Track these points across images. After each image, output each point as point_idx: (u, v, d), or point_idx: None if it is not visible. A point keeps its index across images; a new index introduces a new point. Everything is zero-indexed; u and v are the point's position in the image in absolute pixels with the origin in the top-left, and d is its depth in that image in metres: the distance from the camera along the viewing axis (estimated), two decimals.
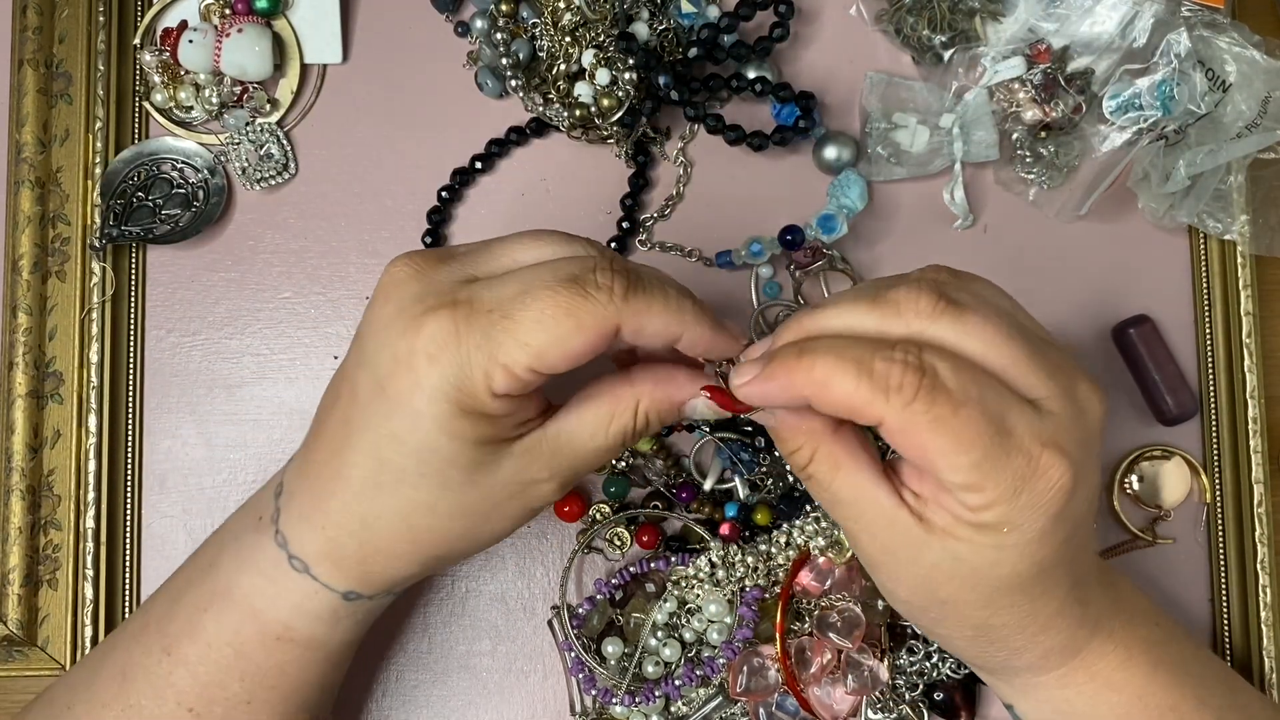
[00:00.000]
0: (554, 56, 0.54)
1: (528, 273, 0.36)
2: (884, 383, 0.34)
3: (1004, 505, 0.35)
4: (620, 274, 0.36)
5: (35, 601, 0.53)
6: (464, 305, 0.36)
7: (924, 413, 0.34)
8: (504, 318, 0.35)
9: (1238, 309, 0.55)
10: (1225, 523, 0.55)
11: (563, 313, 0.35)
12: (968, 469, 0.34)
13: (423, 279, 0.37)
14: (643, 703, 0.51)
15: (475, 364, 0.35)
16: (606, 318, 0.35)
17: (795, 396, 0.36)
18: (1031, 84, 0.54)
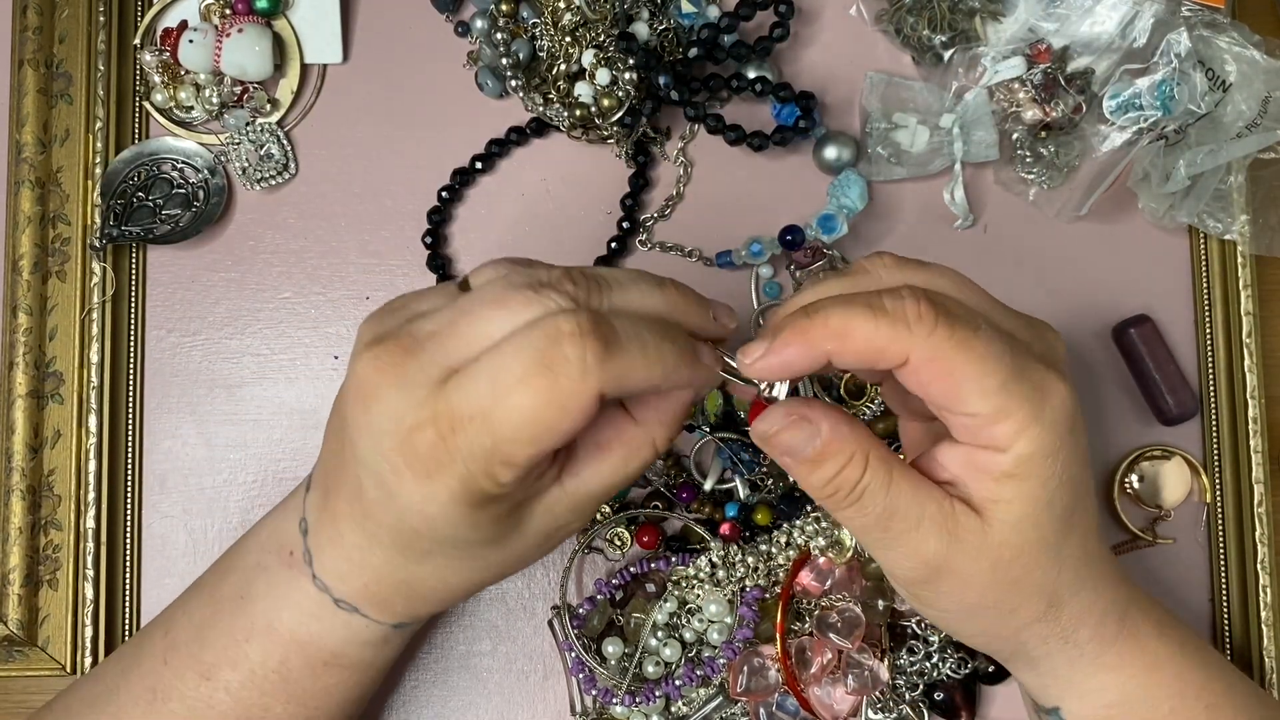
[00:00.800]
0: (554, 56, 0.54)
1: (496, 361, 0.34)
2: (902, 316, 0.34)
3: (1033, 428, 0.35)
4: (590, 336, 0.33)
5: (35, 601, 0.53)
6: (444, 418, 0.34)
7: (948, 338, 0.34)
8: (485, 422, 0.33)
9: (1238, 309, 0.55)
10: (1225, 523, 0.55)
11: (542, 404, 0.33)
12: (996, 391, 0.35)
13: (398, 386, 0.35)
14: (643, 703, 0.51)
15: (475, 471, 0.34)
16: (583, 391, 0.33)
17: (816, 355, 0.35)
18: (1031, 84, 0.54)
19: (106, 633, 0.53)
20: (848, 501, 0.37)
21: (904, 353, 0.34)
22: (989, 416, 0.35)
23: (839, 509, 0.38)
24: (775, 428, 0.37)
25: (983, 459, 0.36)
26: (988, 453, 0.36)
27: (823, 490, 0.37)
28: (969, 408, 0.35)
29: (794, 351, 0.35)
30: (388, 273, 0.56)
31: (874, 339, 0.34)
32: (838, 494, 0.37)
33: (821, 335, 0.35)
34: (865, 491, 0.37)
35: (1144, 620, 0.43)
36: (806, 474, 0.37)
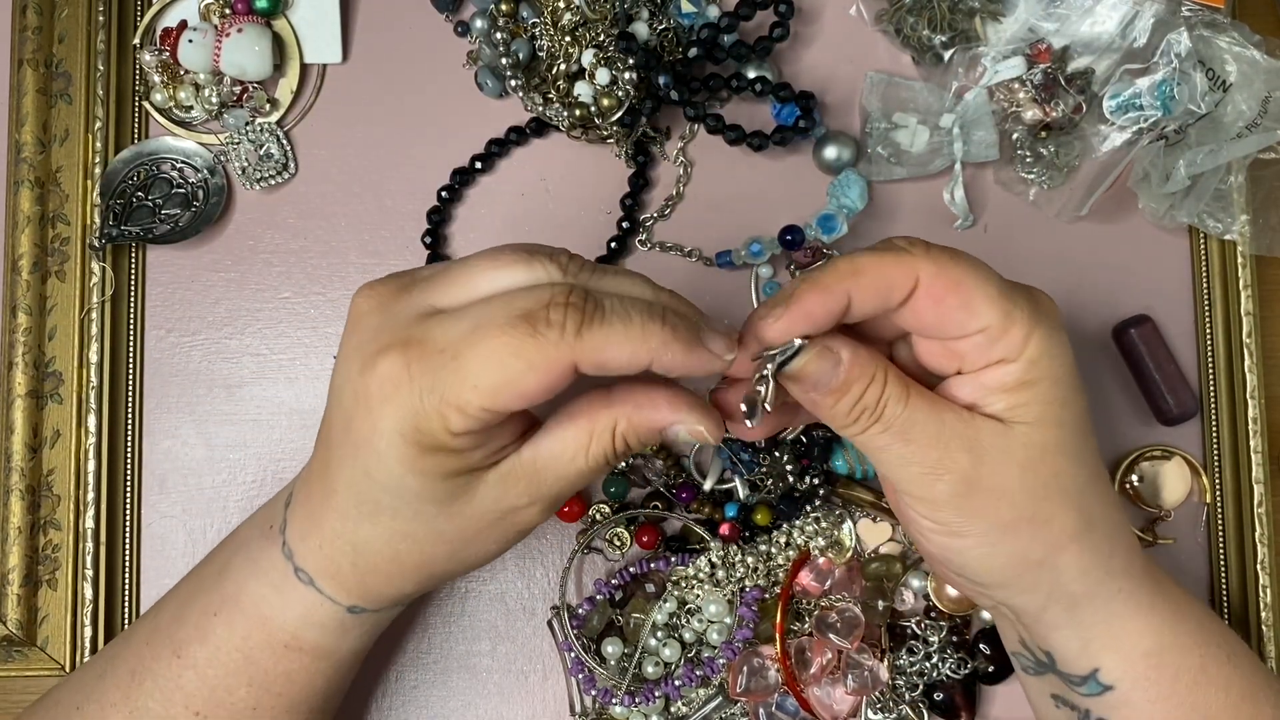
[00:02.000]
0: (554, 56, 0.54)
1: (481, 308, 0.35)
2: (900, 247, 0.37)
3: (1038, 329, 0.37)
4: (575, 308, 0.34)
5: (35, 601, 0.53)
6: (416, 345, 0.35)
7: (942, 253, 0.37)
8: (454, 358, 0.34)
9: (1238, 309, 0.55)
10: (1225, 523, 0.55)
11: (510, 353, 0.33)
12: (999, 298, 0.37)
13: (383, 312, 0.37)
14: (643, 703, 0.51)
15: (428, 405, 0.34)
16: (557, 358, 0.34)
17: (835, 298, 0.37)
18: (1032, 84, 0.54)
19: (106, 633, 0.53)
20: (871, 419, 0.38)
21: (913, 274, 0.37)
22: (999, 325, 0.37)
23: (864, 430, 0.38)
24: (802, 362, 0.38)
25: (994, 377, 0.38)
26: (998, 369, 0.38)
27: (848, 415, 0.38)
28: (981, 318, 0.37)
29: (813, 299, 0.37)
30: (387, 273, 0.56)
31: (883, 266, 0.37)
32: (862, 415, 0.38)
33: (835, 278, 0.37)
34: (885, 407, 0.38)
35: (1158, 567, 0.44)
36: (833, 403, 0.38)
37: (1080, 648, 0.43)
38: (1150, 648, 0.42)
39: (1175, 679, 0.42)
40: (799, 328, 0.37)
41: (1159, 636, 0.42)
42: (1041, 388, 0.38)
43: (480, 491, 0.38)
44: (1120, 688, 0.43)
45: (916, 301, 0.37)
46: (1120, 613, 0.42)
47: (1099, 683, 0.43)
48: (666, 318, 0.36)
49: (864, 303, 0.37)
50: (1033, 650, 0.45)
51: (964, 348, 0.38)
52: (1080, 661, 0.43)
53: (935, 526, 0.39)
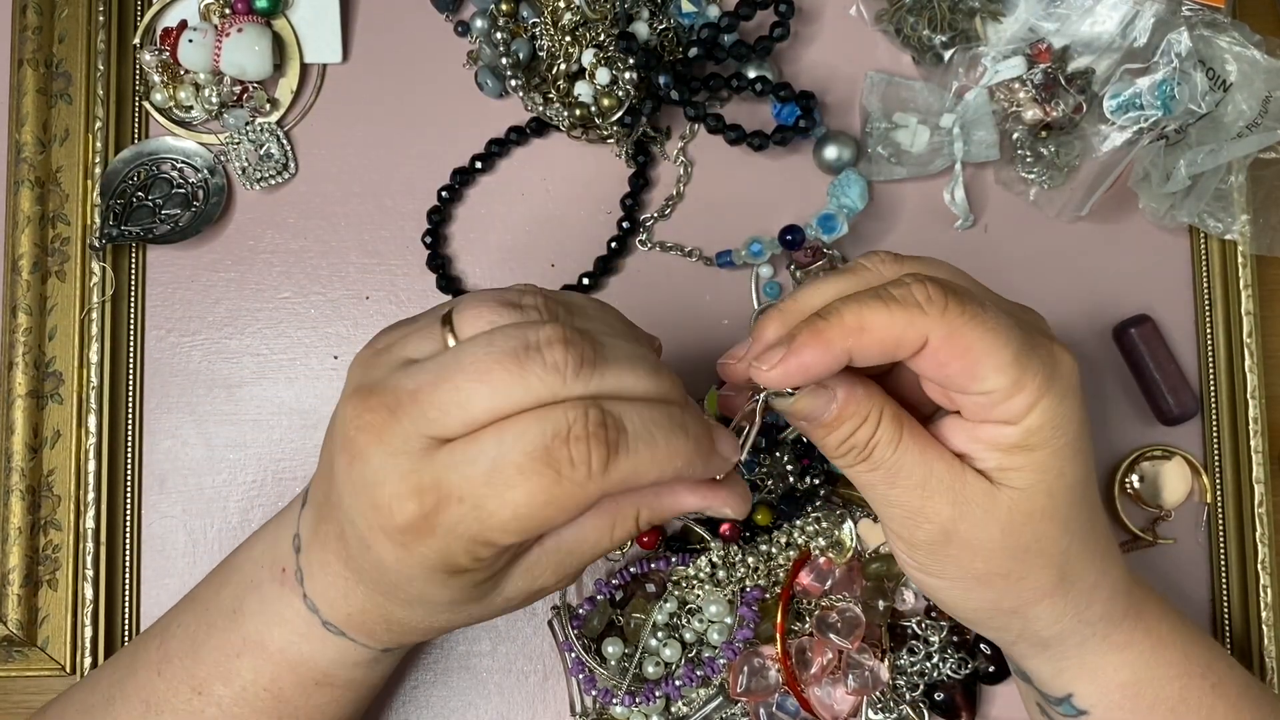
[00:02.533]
0: (554, 56, 0.54)
1: (492, 445, 0.32)
2: (914, 301, 0.35)
3: (1045, 399, 0.36)
4: (597, 440, 0.32)
5: (35, 602, 0.53)
6: (430, 493, 0.33)
7: (960, 314, 0.35)
8: (475, 508, 0.32)
9: (1238, 309, 0.55)
10: (1226, 523, 0.55)
11: (538, 503, 0.32)
12: (1010, 365, 0.35)
13: (380, 446, 0.33)
14: (643, 703, 0.51)
15: (456, 549, 0.33)
16: (586, 498, 0.32)
17: (836, 355, 0.35)
18: (1032, 84, 0.54)
19: (106, 633, 0.53)
20: (859, 458, 0.38)
21: (922, 335, 0.35)
22: (1005, 391, 0.36)
23: (851, 466, 0.38)
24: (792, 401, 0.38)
25: (990, 433, 0.37)
26: (996, 427, 0.37)
27: (837, 450, 0.38)
28: (986, 384, 0.36)
29: (812, 354, 0.35)
30: (388, 272, 0.56)
31: (891, 327, 0.35)
32: (851, 452, 0.38)
33: (839, 334, 0.35)
34: (875, 448, 0.38)
35: (1147, 599, 0.44)
36: (823, 436, 0.38)
37: (1053, 675, 0.43)
38: (1126, 680, 0.42)
39: (1152, 708, 0.43)
40: (794, 380, 0.36)
41: (1135, 670, 0.42)
42: (1037, 456, 0.37)
43: (508, 583, 0.38)
44: (1095, 713, 0.43)
45: (922, 360, 0.36)
46: (1095, 649, 0.42)
47: (1074, 707, 0.43)
48: (689, 429, 0.34)
49: (865, 359, 0.36)
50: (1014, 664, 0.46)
51: (965, 402, 0.37)
52: (1054, 685, 0.44)
53: (912, 563, 0.40)
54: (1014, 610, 0.41)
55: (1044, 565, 0.39)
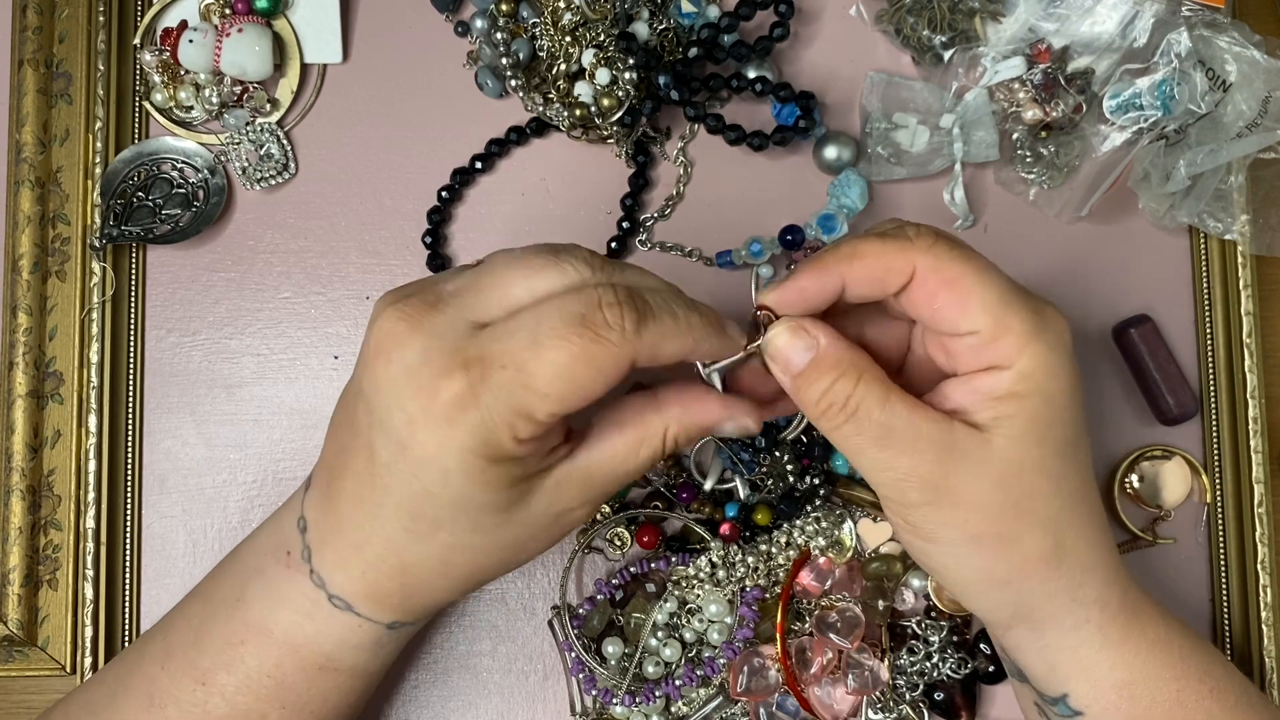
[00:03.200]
0: (554, 56, 0.54)
1: (531, 317, 0.35)
2: (904, 236, 0.37)
3: (1034, 344, 0.37)
4: (628, 306, 0.35)
5: (35, 601, 0.53)
6: (476, 364, 0.35)
7: (949, 250, 0.37)
8: (519, 371, 0.34)
9: (1238, 309, 0.55)
10: (1225, 523, 0.55)
11: (579, 362, 0.34)
12: (997, 304, 0.37)
13: (421, 333, 0.36)
14: (643, 703, 0.51)
15: (498, 420, 0.35)
16: (622, 357, 0.35)
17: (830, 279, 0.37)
18: (1032, 84, 0.54)
19: (106, 633, 0.53)
20: (842, 417, 0.38)
21: (910, 264, 0.37)
22: (991, 330, 0.37)
23: (835, 427, 0.38)
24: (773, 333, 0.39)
25: (985, 382, 0.38)
26: (990, 375, 0.38)
27: (817, 406, 0.38)
28: (972, 321, 0.37)
29: (809, 277, 0.38)
30: (387, 273, 0.56)
31: (881, 254, 0.37)
32: (831, 408, 0.38)
33: (833, 260, 0.38)
34: (860, 407, 0.38)
35: (1144, 601, 0.44)
36: (802, 388, 0.38)
37: (1047, 671, 0.43)
38: (1122, 679, 0.42)
39: (1148, 710, 0.42)
40: (791, 300, 0.38)
41: (1131, 669, 0.42)
42: (1029, 403, 0.37)
43: (535, 497, 0.38)
44: (1090, 713, 0.43)
45: (911, 292, 0.38)
46: (1088, 641, 0.42)
47: (1069, 707, 0.43)
48: (700, 308, 0.38)
49: (858, 286, 0.38)
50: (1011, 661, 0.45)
51: (957, 347, 0.38)
52: (1049, 683, 0.43)
53: (906, 527, 0.40)
54: (1007, 581, 0.40)
55: (1037, 527, 0.39)
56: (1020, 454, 0.38)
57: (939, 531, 0.39)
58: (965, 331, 0.37)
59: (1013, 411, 0.37)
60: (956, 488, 0.38)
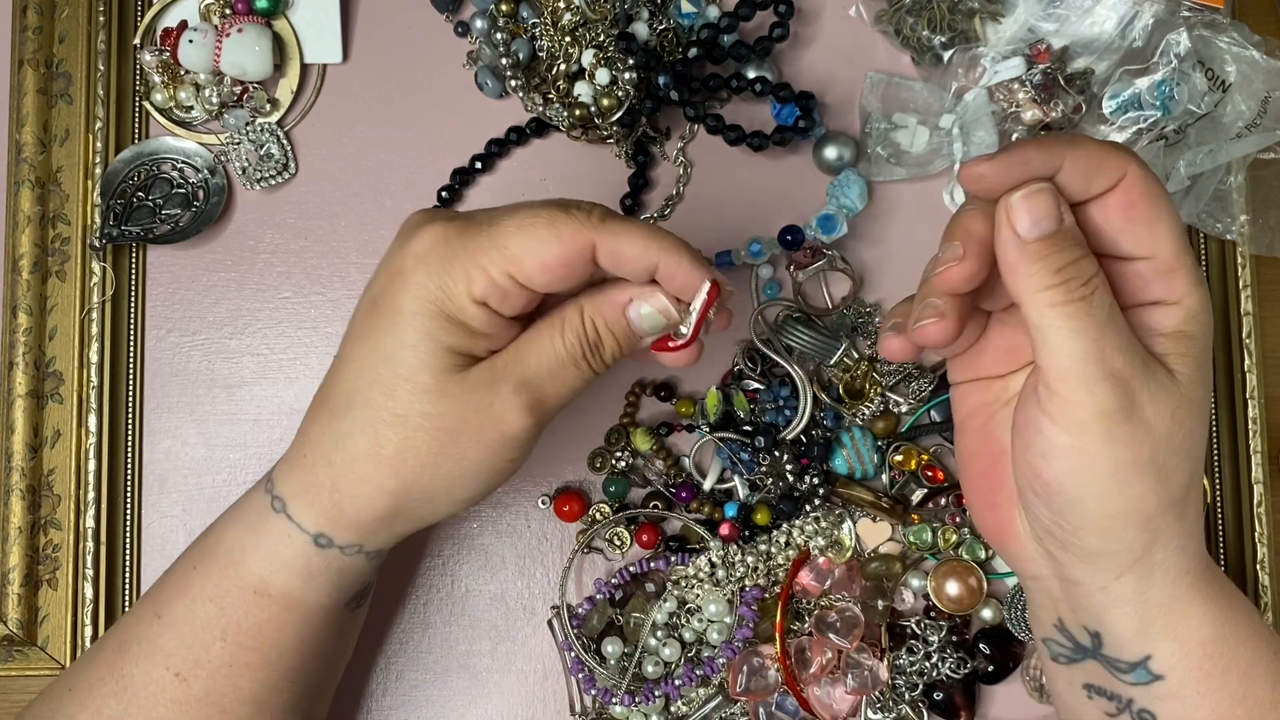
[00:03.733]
0: (554, 56, 0.54)
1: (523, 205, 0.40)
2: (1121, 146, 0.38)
3: (1200, 288, 0.38)
4: (602, 208, 0.40)
5: (35, 601, 0.53)
6: (458, 220, 0.40)
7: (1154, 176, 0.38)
8: (489, 224, 0.39)
9: (1238, 309, 0.55)
10: (1225, 523, 0.55)
11: (542, 223, 0.38)
12: (1179, 236, 0.38)
13: (431, 212, 0.41)
14: (642, 702, 0.51)
15: (458, 268, 0.38)
16: (582, 231, 0.38)
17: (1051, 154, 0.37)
18: (1031, 84, 0.54)
19: None
20: (1082, 293, 0.36)
21: (1123, 168, 0.37)
22: (1168, 261, 0.38)
23: (1068, 300, 0.36)
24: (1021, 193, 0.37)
25: (1154, 317, 0.38)
26: (1158, 309, 0.38)
27: (1059, 274, 0.36)
28: (1159, 243, 0.37)
29: (1034, 151, 0.37)
30: None
31: (1100, 149, 0.37)
32: (1072, 281, 0.36)
33: (1053, 142, 0.37)
34: (1097, 290, 0.36)
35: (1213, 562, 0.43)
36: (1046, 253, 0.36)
37: (1138, 629, 0.40)
38: (1207, 636, 0.41)
39: (1226, 672, 0.41)
40: (1013, 169, 0.37)
41: (1216, 626, 0.41)
42: (1197, 343, 0.38)
43: (472, 375, 0.40)
44: (1171, 678, 0.40)
45: (1113, 197, 0.37)
46: (1185, 595, 0.40)
47: (1149, 671, 0.41)
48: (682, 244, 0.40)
49: (1074, 174, 0.37)
50: (1072, 633, 0.42)
51: (1132, 272, 0.38)
52: (1133, 646, 0.41)
53: (1072, 446, 0.37)
54: (1149, 517, 0.38)
55: (1185, 465, 0.39)
56: (1191, 393, 0.38)
57: (1112, 451, 0.37)
58: (1144, 255, 0.38)
59: (1184, 350, 0.38)
60: (1144, 406, 0.37)
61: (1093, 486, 0.38)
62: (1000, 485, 0.42)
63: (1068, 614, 0.42)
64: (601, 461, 0.54)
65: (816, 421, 0.53)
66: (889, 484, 0.54)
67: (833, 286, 0.56)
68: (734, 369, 0.55)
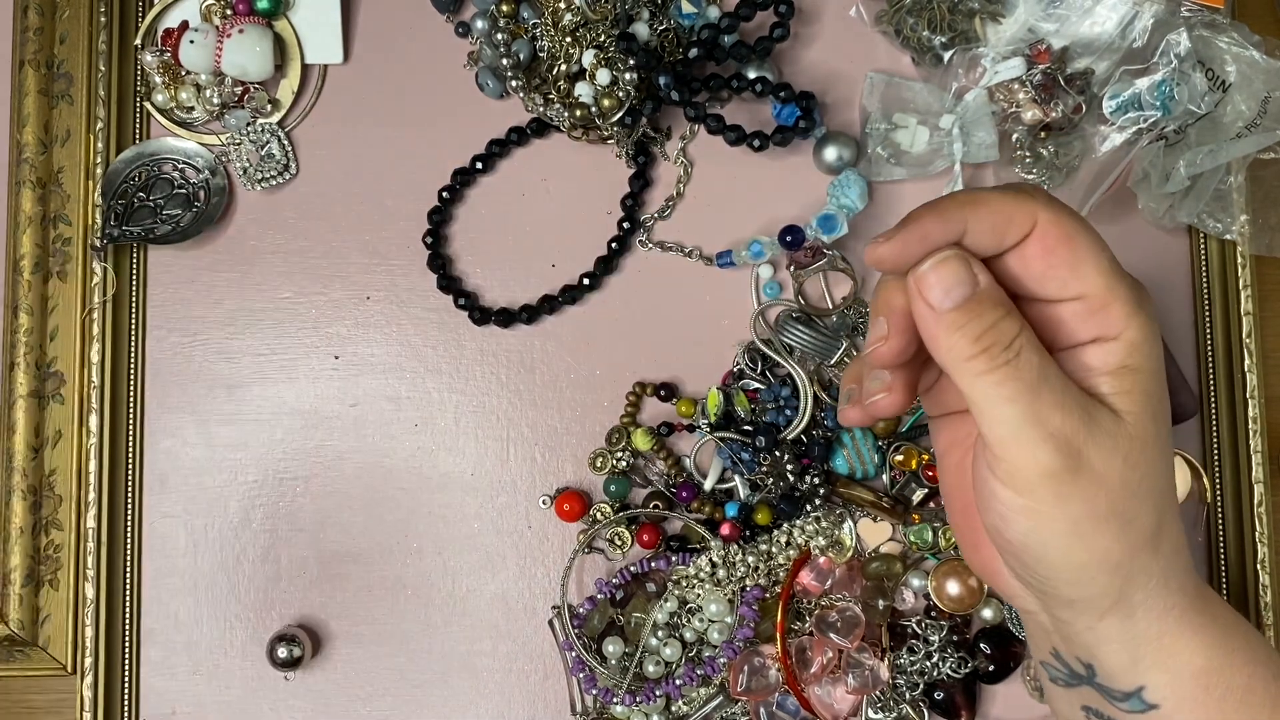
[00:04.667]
0: (554, 57, 0.54)
1: None
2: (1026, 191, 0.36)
3: (1140, 315, 0.36)
4: None
5: (36, 601, 0.53)
6: None
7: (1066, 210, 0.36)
8: None
9: (1238, 309, 0.55)
10: (1225, 523, 0.55)
11: None
12: (1108, 270, 0.36)
13: None
14: (643, 702, 0.51)
15: None
16: None
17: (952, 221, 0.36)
18: (1031, 84, 0.54)
19: (107, 632, 0.53)
20: (1004, 358, 0.35)
21: (1032, 216, 0.36)
22: (1101, 296, 0.36)
23: (992, 368, 0.35)
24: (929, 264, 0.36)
25: (1096, 355, 0.37)
26: (1098, 347, 0.37)
27: (974, 345, 0.35)
28: (1085, 282, 0.36)
29: (932, 221, 0.36)
30: (388, 273, 0.56)
31: (1003, 203, 0.36)
32: (994, 348, 0.35)
33: (955, 205, 0.36)
34: (1023, 351, 0.35)
35: (1208, 588, 0.42)
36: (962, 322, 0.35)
37: (1128, 663, 0.41)
38: (1200, 667, 0.40)
39: (1222, 699, 0.40)
40: (912, 247, 0.36)
41: (1209, 656, 0.40)
42: (1143, 377, 0.37)
43: None
44: (1166, 707, 0.40)
45: (1028, 246, 0.36)
46: (1172, 629, 0.40)
47: (1143, 700, 0.41)
48: None
49: (980, 234, 0.36)
50: (1068, 662, 0.42)
51: (1063, 314, 0.37)
52: (1126, 677, 0.41)
53: (1025, 507, 0.37)
54: (1119, 565, 0.38)
55: (1149, 505, 0.38)
56: (1143, 431, 0.37)
57: (1063, 508, 0.36)
58: (1074, 295, 0.36)
59: (1129, 386, 0.36)
60: (1092, 459, 0.36)
61: (1054, 544, 0.37)
62: (979, 526, 0.41)
63: (1061, 646, 0.42)
64: (602, 461, 0.54)
65: (817, 421, 0.53)
66: (889, 484, 0.54)
67: (833, 286, 0.56)
68: (734, 369, 0.55)
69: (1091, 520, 0.37)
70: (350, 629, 0.54)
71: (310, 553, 0.54)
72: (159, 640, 0.54)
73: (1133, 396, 0.36)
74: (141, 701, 0.54)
